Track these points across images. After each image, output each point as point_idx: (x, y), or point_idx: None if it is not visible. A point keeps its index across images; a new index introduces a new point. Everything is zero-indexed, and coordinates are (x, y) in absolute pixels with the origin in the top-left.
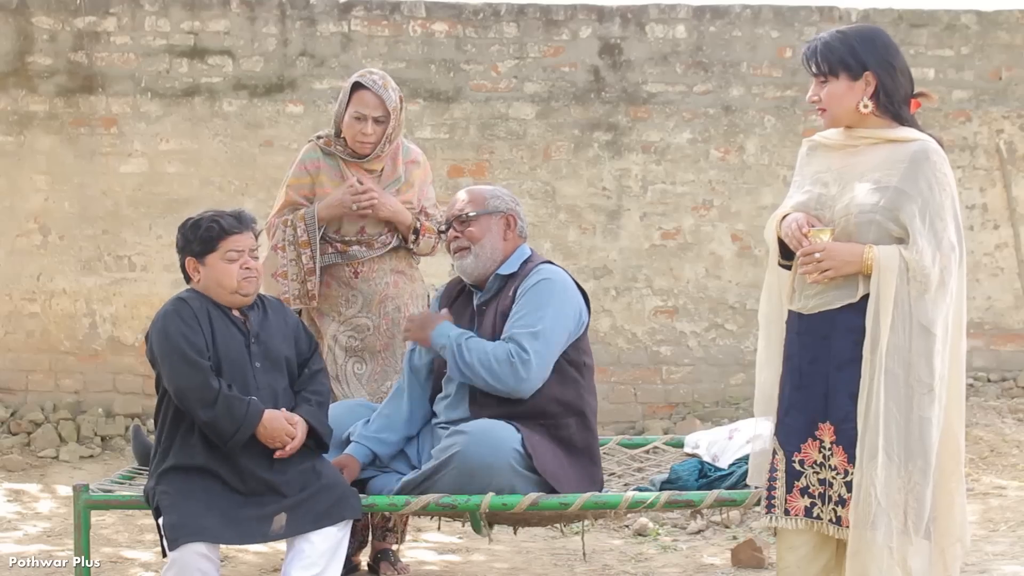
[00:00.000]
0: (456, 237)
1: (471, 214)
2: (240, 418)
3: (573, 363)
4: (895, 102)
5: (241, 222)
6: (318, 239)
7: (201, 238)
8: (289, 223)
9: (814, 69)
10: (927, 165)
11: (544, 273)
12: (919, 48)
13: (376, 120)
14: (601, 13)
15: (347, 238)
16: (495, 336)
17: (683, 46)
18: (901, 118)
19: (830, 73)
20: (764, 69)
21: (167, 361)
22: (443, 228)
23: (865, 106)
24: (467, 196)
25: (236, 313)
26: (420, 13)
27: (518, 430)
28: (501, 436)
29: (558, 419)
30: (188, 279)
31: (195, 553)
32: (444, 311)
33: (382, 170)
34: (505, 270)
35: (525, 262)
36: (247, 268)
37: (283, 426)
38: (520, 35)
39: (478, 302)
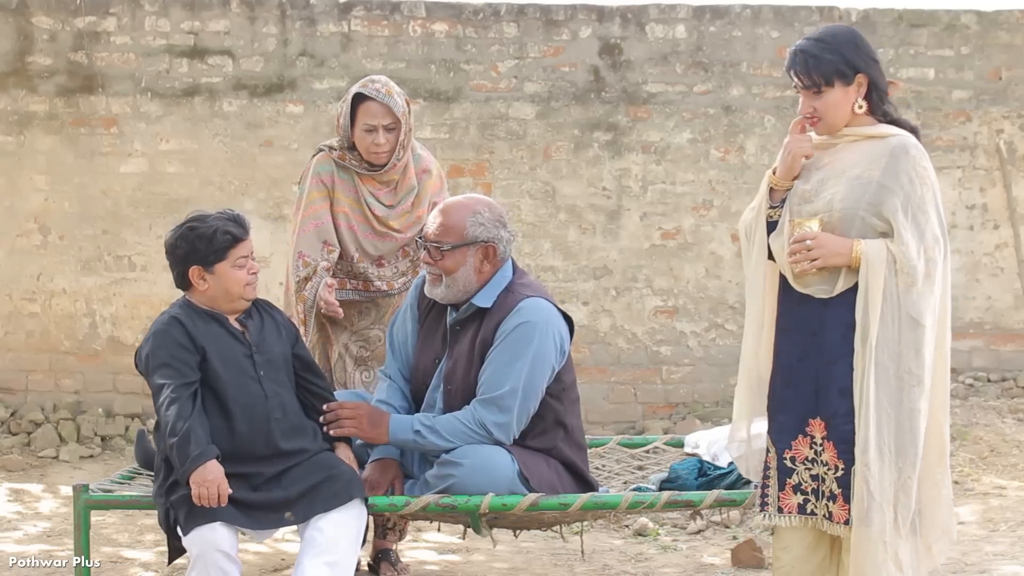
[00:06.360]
0: (428, 263)
1: (446, 248)
2: (185, 459)
3: (552, 391)
4: (884, 98)
5: (244, 228)
6: (312, 321)
7: (213, 248)
8: (298, 288)
9: (806, 82)
10: (906, 160)
11: (525, 313)
12: (919, 48)
13: (387, 128)
14: (601, 13)
15: (368, 277)
16: (470, 361)
17: (683, 46)
18: (882, 112)
19: (825, 84)
20: (764, 69)
21: (152, 379)
22: (419, 241)
23: (860, 106)
24: (445, 222)
25: (235, 324)
26: (420, 13)
27: (512, 456)
28: (497, 465)
29: (547, 435)
30: (186, 287)
31: (217, 551)
32: (380, 407)
33: (397, 182)
34: (480, 301)
35: (504, 291)
36: (252, 273)
37: (218, 483)
38: (520, 35)
39: (451, 321)
